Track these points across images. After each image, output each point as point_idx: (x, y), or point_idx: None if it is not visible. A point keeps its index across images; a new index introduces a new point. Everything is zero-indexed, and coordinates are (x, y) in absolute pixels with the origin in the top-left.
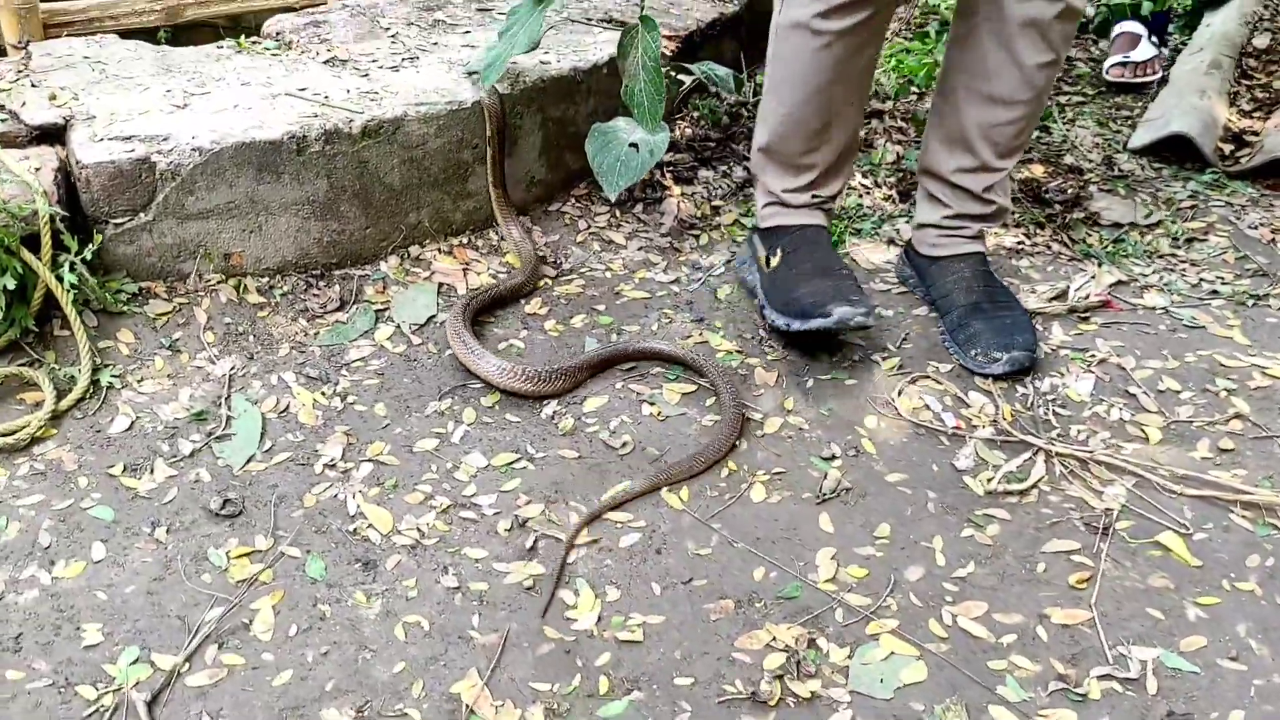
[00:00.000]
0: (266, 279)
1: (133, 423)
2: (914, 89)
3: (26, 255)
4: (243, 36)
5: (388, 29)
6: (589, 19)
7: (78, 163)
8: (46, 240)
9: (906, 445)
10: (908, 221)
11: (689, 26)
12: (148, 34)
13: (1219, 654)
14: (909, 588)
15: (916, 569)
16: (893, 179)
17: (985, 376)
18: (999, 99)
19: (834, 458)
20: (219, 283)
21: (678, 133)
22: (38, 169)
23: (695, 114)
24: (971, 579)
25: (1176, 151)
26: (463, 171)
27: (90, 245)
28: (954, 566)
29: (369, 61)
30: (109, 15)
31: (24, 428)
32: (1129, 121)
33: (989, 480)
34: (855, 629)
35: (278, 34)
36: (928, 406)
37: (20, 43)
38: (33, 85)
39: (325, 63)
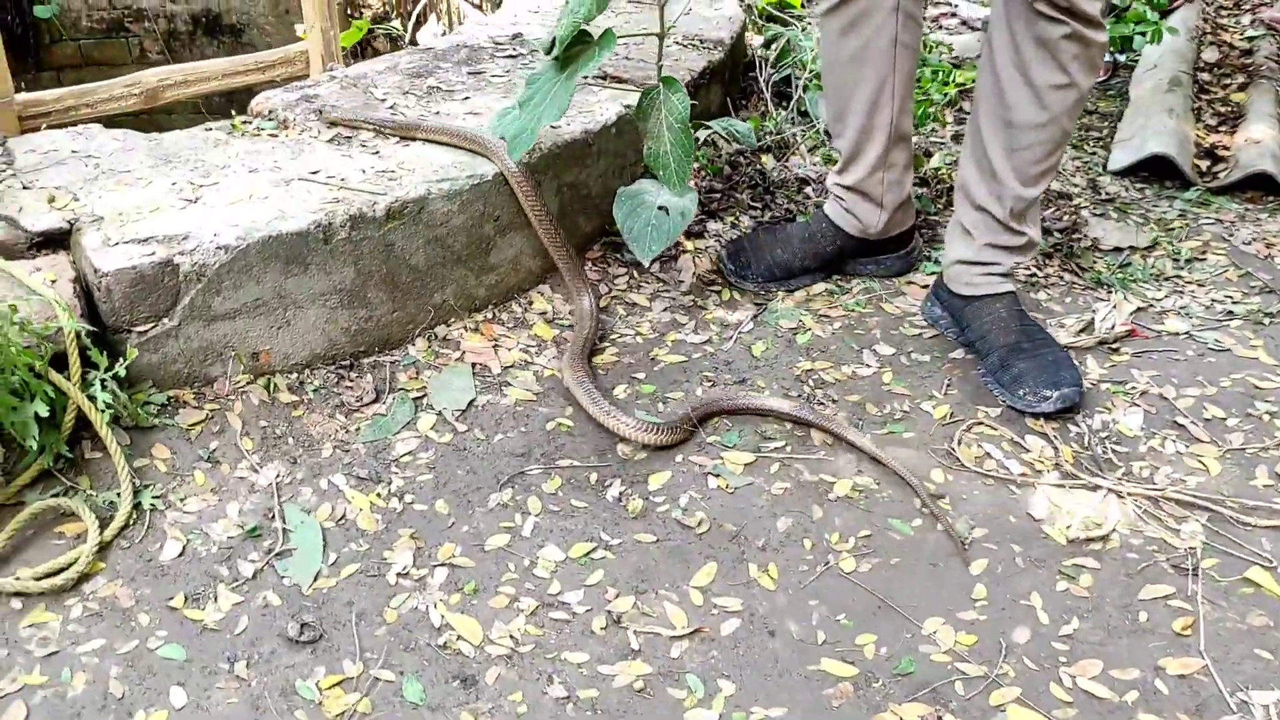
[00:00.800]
0: (296, 375)
1: (184, 547)
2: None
3: (56, 377)
4: (235, 117)
5: (384, 99)
6: (585, 76)
7: (95, 270)
8: (75, 359)
9: (979, 497)
10: (935, 261)
11: (684, 77)
12: (126, 119)
13: None
14: (1020, 651)
15: (1023, 630)
16: None
17: (1037, 416)
18: (1015, 123)
19: (913, 518)
20: (248, 384)
21: None
22: (54, 281)
23: (695, 165)
24: (1079, 635)
25: (1155, 171)
26: (485, 245)
27: (122, 360)
28: (1058, 624)
29: (377, 138)
30: (85, 103)
31: (71, 564)
32: (1100, 142)
33: (1068, 528)
34: (979, 701)
35: (270, 112)
36: (989, 454)
37: None
38: (24, 187)
39: (330, 141)
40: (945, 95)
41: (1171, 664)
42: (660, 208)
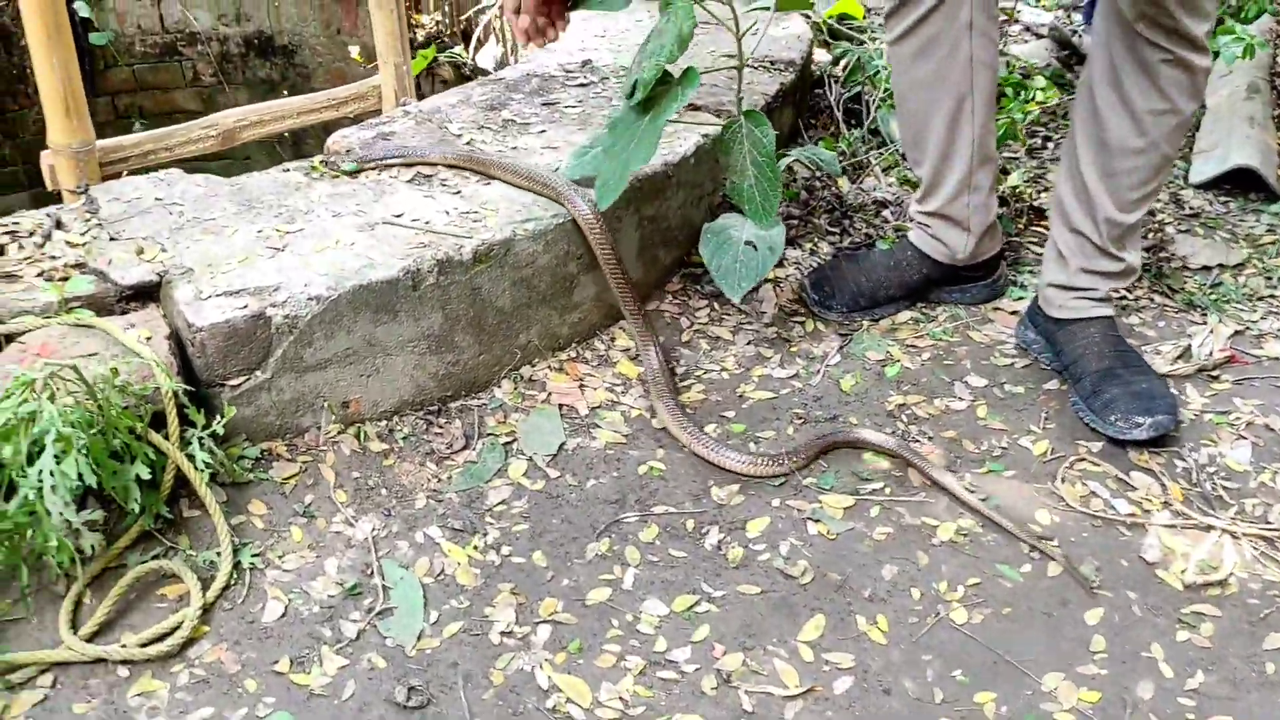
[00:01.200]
0: (385, 422)
1: (286, 607)
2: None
3: (155, 438)
4: (315, 159)
5: (459, 135)
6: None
7: (189, 325)
8: (173, 418)
9: (1088, 540)
10: (1021, 286)
11: (757, 102)
12: (203, 162)
13: None
14: (1147, 708)
15: (1146, 685)
16: None
17: (1130, 444)
18: (1112, 146)
19: (1021, 563)
20: (339, 433)
21: None
22: (148, 338)
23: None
24: (1205, 690)
25: (1238, 183)
26: (569, 284)
27: (219, 417)
28: (1183, 677)
29: (456, 176)
30: (163, 147)
31: (176, 629)
32: (1179, 152)
33: (1183, 572)
34: None
35: (348, 151)
36: (1094, 493)
37: (79, 188)
38: (111, 238)
39: (409, 181)
40: (1026, 115)
41: None
42: (748, 243)
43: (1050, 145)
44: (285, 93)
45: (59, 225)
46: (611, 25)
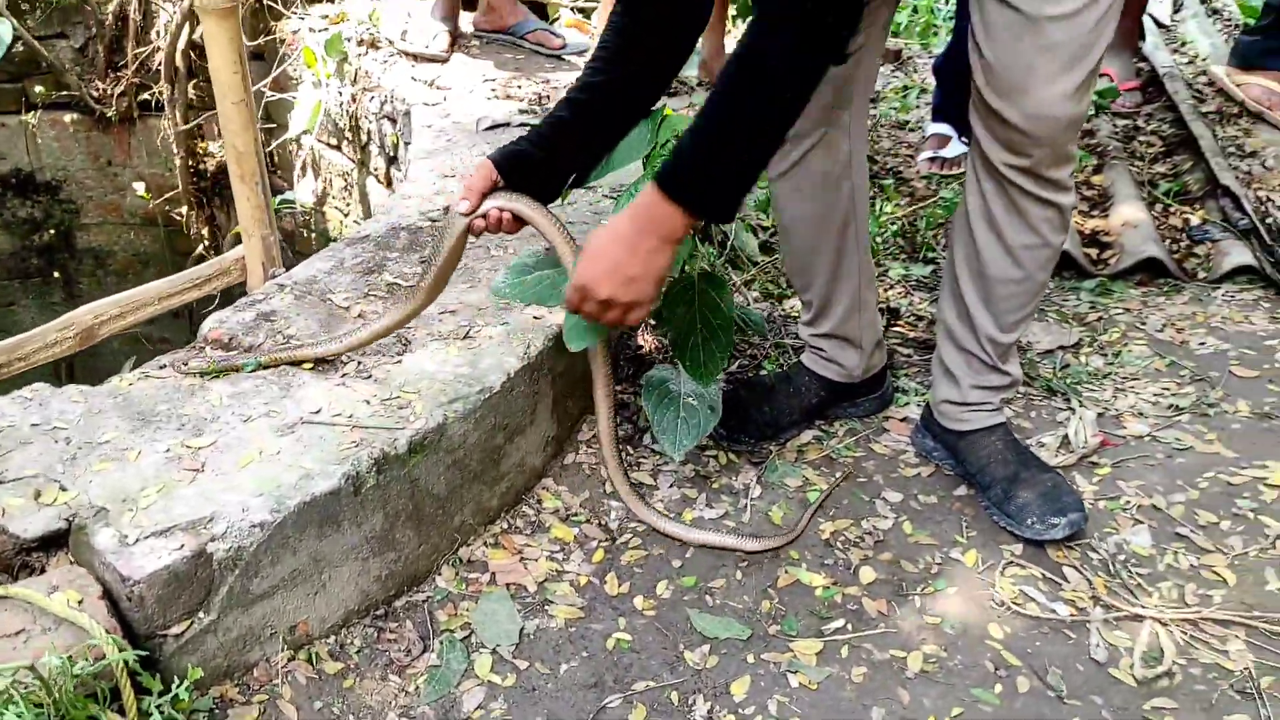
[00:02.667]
0: (334, 638)
1: None
2: None
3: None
4: (204, 350)
5: (347, 307)
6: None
7: (123, 578)
8: (128, 691)
9: (1043, 648)
10: (903, 391)
11: None
12: (59, 367)
13: None
14: None
15: None
16: None
17: (1046, 543)
18: (991, 277)
19: (993, 683)
20: (289, 660)
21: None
22: (79, 601)
23: None
24: None
25: None
26: (497, 456)
27: (179, 681)
28: None
29: (360, 356)
30: (18, 357)
31: None
32: None
33: (1131, 668)
34: None
35: (230, 340)
36: (1031, 597)
37: None
38: None
39: (313, 369)
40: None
41: None
42: (687, 400)
43: (881, 243)
44: (52, 231)
45: None
46: (459, 165)
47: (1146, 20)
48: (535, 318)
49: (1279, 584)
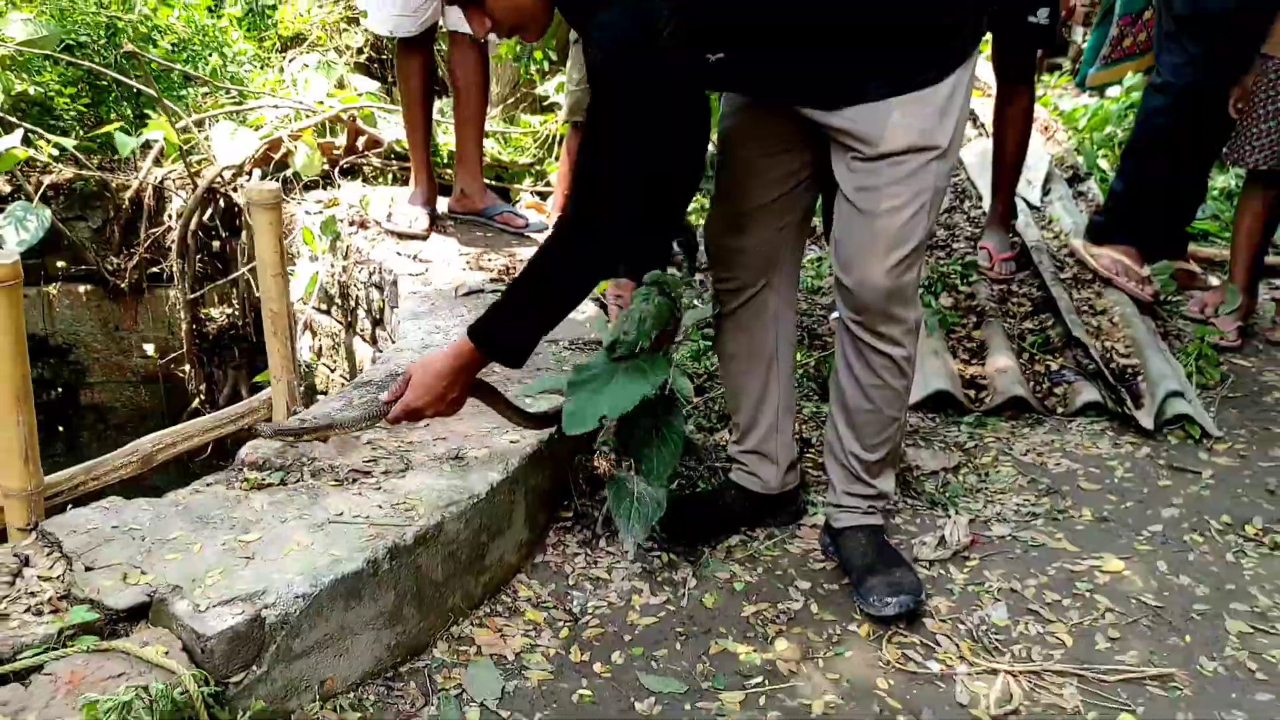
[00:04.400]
0: (354, 693)
1: None
2: None
3: None
4: (238, 470)
5: (356, 436)
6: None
7: (198, 636)
8: (204, 715)
9: (920, 696)
10: (813, 504)
11: None
12: (126, 484)
13: None
14: None
15: None
16: None
17: (885, 619)
18: (849, 407)
19: None
20: (318, 711)
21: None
22: (165, 652)
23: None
24: None
25: (938, 403)
26: (481, 551)
27: (243, 714)
28: None
29: (369, 475)
30: (93, 477)
31: None
32: None
33: (987, 709)
34: None
35: (264, 462)
36: (910, 657)
37: (28, 525)
38: (88, 568)
39: (336, 484)
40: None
41: None
42: (638, 497)
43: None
44: (59, 389)
45: (26, 563)
46: (441, 324)
47: (1019, 202)
48: (512, 441)
49: (1106, 644)
